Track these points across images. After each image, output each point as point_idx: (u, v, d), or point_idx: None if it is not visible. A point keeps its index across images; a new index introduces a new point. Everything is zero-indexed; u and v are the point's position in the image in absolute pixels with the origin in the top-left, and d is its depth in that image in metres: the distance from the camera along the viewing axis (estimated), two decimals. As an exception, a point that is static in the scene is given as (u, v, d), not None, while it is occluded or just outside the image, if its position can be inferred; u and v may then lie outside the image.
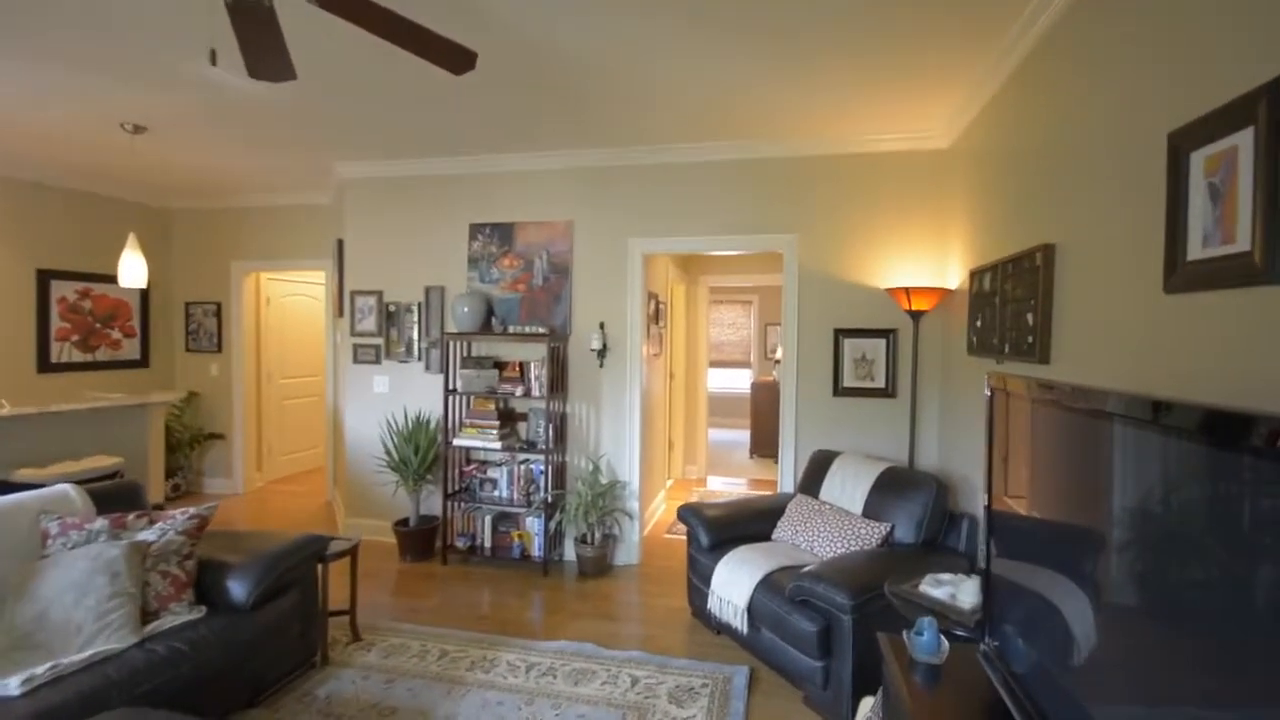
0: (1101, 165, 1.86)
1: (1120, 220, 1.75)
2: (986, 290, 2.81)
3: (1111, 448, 1.10)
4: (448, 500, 4.04)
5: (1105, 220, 1.84)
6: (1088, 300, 1.96)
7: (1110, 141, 1.81)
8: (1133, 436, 1.03)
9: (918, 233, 3.68)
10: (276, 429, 6.13)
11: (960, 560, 2.77)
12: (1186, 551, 0.92)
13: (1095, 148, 1.90)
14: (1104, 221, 1.85)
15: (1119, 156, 1.76)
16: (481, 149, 4.05)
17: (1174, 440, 0.92)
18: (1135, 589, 1.06)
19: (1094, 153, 1.91)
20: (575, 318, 4.15)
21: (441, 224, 4.33)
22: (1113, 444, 1.10)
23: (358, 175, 4.43)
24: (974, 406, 2.97)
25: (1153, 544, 1.00)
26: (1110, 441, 1.10)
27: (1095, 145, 1.90)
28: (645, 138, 3.78)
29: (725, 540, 3.18)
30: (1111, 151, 1.80)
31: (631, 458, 4.11)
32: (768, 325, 9.55)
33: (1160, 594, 0.99)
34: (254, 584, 2.53)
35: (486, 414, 3.98)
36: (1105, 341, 1.84)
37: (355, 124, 3.63)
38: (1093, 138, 1.92)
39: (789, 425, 3.87)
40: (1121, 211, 1.74)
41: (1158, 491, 0.99)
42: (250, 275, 5.74)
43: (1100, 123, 1.87)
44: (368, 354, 4.44)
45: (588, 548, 3.88)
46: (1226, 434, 0.82)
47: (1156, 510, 0.99)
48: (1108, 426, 1.10)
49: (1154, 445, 0.98)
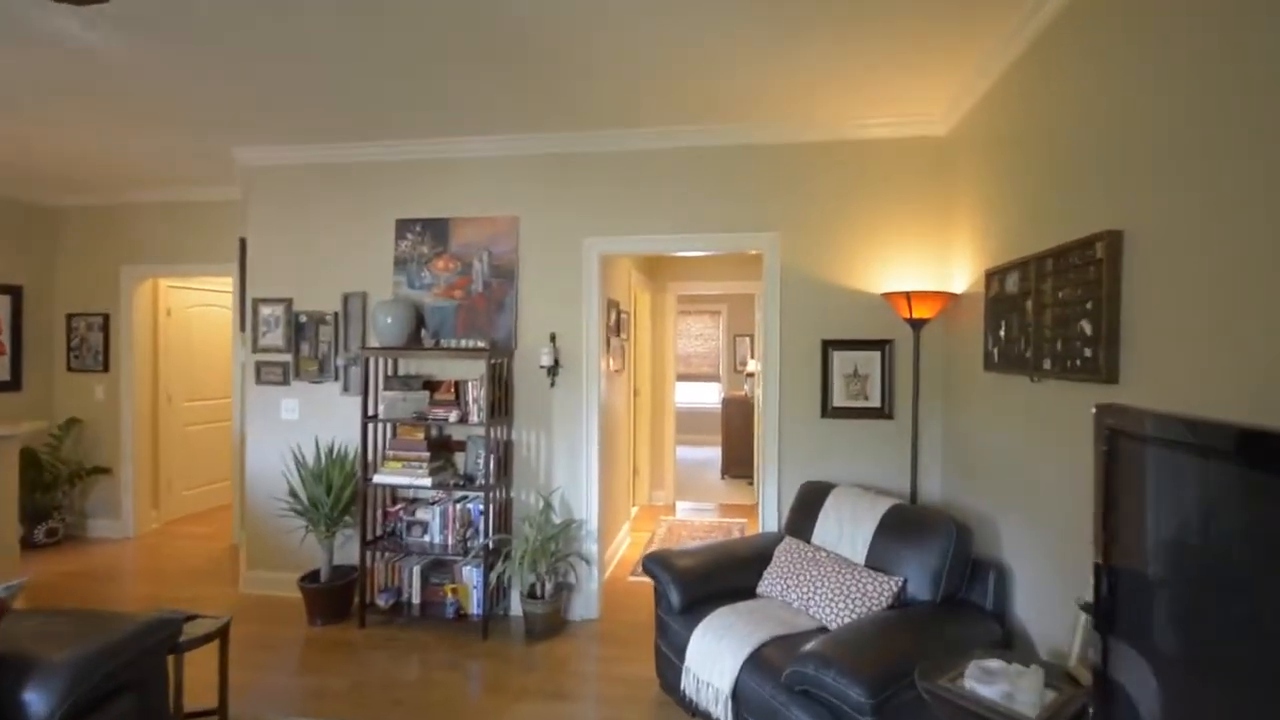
0: (1201, 124, 1.38)
1: (1235, 190, 1.27)
2: (1011, 293, 2.33)
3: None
4: (367, 548, 3.36)
5: (1209, 194, 1.36)
6: (1179, 301, 1.47)
7: (1212, 96, 1.33)
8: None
9: (916, 231, 3.22)
10: (178, 460, 5.30)
11: (989, 623, 2.26)
12: None
13: (1188, 106, 1.42)
14: (1206, 196, 1.37)
15: (1229, 111, 1.28)
16: (410, 132, 3.43)
17: None
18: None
19: (1188, 111, 1.43)
20: (522, 329, 3.54)
21: (363, 220, 3.68)
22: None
23: (262, 162, 3.75)
24: (994, 431, 2.49)
25: None
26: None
27: (1187, 103, 1.42)
28: (604, 120, 3.23)
29: (701, 599, 2.61)
30: (1221, 107, 1.32)
31: (589, 492, 3.51)
32: (736, 336, 9.10)
33: None
34: (62, 695, 1.82)
35: (414, 444, 3.33)
36: (1211, 357, 1.35)
37: (253, 100, 2.98)
38: (1182, 95, 1.44)
39: (771, 452, 3.33)
40: (1235, 180, 1.26)
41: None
42: (145, 282, 4.94)
43: (1191, 75, 1.40)
44: (273, 373, 3.73)
45: (537, 603, 3.25)
46: None
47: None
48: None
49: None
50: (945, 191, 3.16)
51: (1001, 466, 2.46)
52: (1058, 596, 2.03)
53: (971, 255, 2.85)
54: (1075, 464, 1.93)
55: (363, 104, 3.05)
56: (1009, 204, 2.45)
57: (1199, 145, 1.41)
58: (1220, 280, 1.34)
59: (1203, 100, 1.40)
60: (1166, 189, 1.53)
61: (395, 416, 3.30)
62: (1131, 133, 1.67)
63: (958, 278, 3.03)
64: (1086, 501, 1.87)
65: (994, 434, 2.54)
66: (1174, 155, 1.50)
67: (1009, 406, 2.40)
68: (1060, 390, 2.02)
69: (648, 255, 5.55)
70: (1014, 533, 2.35)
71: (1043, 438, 2.13)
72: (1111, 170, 1.75)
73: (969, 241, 2.89)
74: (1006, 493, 2.41)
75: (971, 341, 2.79)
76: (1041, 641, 2.15)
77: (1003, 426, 2.45)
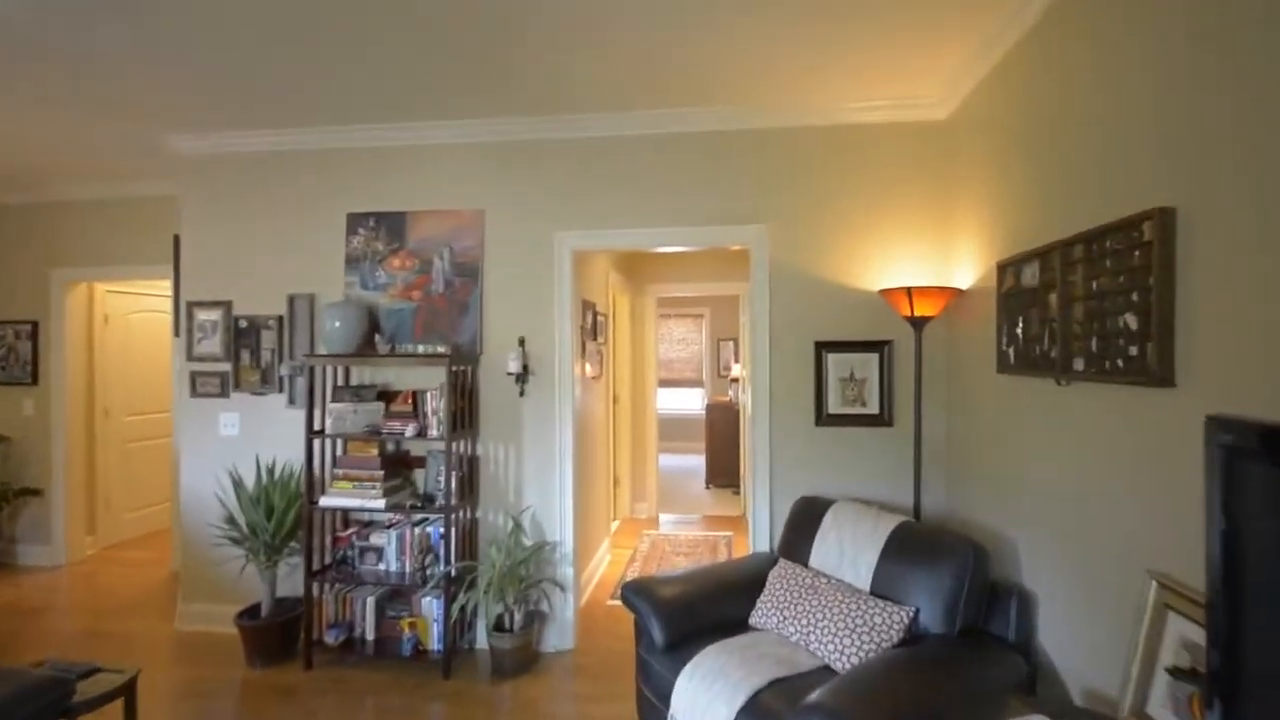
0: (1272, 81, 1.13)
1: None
2: (1029, 286, 2.08)
3: None
4: (313, 579, 3.00)
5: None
6: (1249, 287, 1.23)
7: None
8: None
9: (915, 223, 2.97)
10: (117, 479, 4.87)
11: (1013, 658, 2.00)
12: None
13: (1259, 61, 1.17)
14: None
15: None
16: (362, 116, 3.10)
17: None
18: None
19: (1259, 67, 1.18)
20: (487, 333, 3.23)
21: (311, 214, 3.34)
22: None
23: (198, 151, 3.39)
24: (1011, 439, 2.23)
25: None
26: None
27: (1260, 58, 1.17)
28: (577, 103, 2.94)
29: (687, 635, 2.31)
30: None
31: (564, 510, 3.20)
32: (720, 340, 8.84)
33: None
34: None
35: (367, 461, 2.99)
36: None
37: (185, 82, 2.64)
38: (1251, 49, 1.19)
39: (762, 464, 3.05)
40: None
41: None
42: (79, 286, 4.52)
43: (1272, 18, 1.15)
44: (210, 384, 3.36)
45: (505, 636, 2.92)
46: None
47: None
48: None
49: None
50: (946, 180, 2.93)
51: (1021, 479, 2.20)
52: (1092, 627, 1.77)
53: (978, 247, 2.60)
54: (1115, 478, 1.67)
55: (313, 88, 2.72)
56: (1024, 188, 2.20)
57: (1270, 107, 1.16)
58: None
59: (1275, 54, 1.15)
60: (1231, 157, 1.29)
61: (344, 431, 2.96)
62: (1189, 96, 1.42)
63: (961, 272, 2.79)
64: (1131, 519, 1.62)
65: (1011, 443, 2.28)
66: (1238, 120, 1.26)
67: (1029, 413, 2.15)
68: (1095, 394, 1.76)
69: (626, 252, 5.27)
70: (1038, 554, 2.09)
71: (1073, 447, 1.88)
72: (1167, 139, 1.50)
73: (974, 232, 2.65)
74: (1027, 508, 2.16)
75: (981, 341, 2.54)
76: (1072, 678, 1.89)
77: (1021, 435, 2.20)
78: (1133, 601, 1.59)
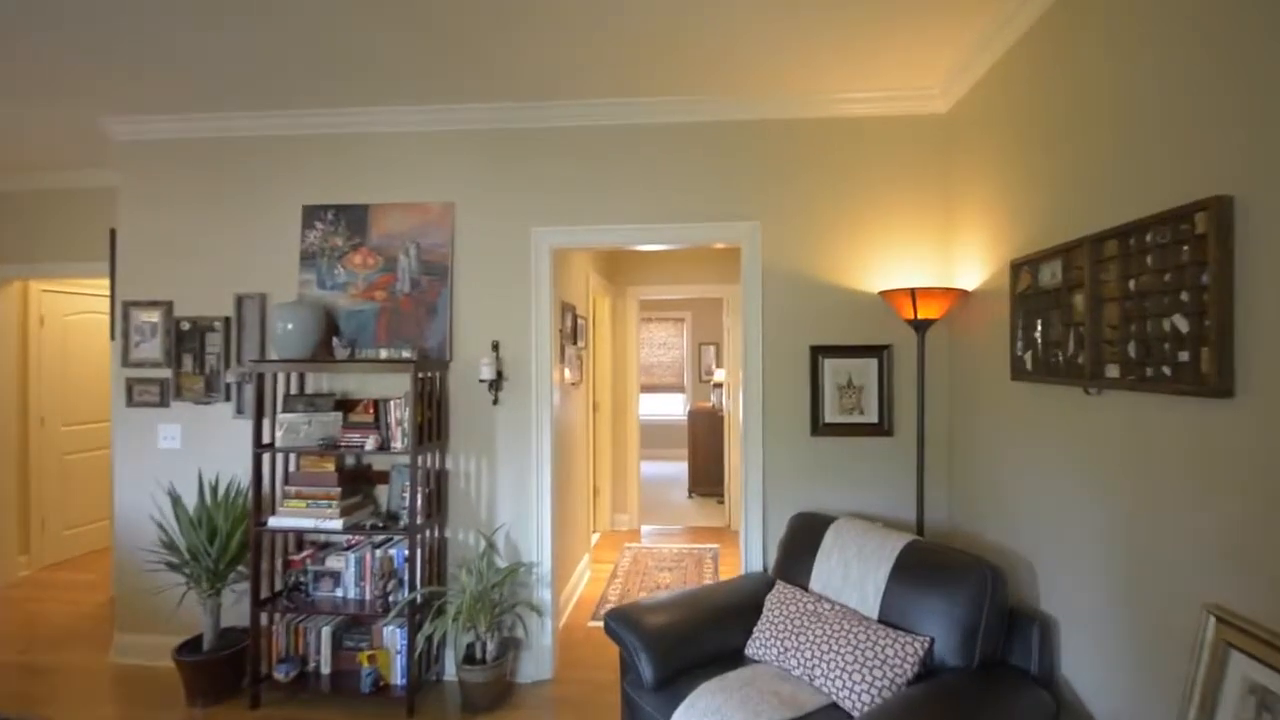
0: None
1: None
2: (1050, 286, 1.92)
3: None
4: (261, 608, 2.71)
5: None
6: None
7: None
8: None
9: (915, 221, 2.80)
10: (54, 495, 4.49)
11: (1037, 693, 1.81)
12: None
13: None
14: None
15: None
16: (319, 100, 2.84)
17: None
18: None
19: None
20: (458, 337, 2.97)
21: (263, 206, 3.06)
22: None
23: (137, 136, 3.08)
24: (1029, 452, 2.05)
25: None
26: None
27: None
28: (557, 88, 2.71)
29: (679, 670, 2.09)
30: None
31: (541, 528, 2.96)
32: (701, 345, 8.66)
33: None
34: None
35: (322, 477, 2.71)
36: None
37: (121, 57, 2.35)
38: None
39: (754, 477, 2.85)
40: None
41: None
42: (11, 285, 4.15)
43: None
44: (149, 392, 3.05)
45: (477, 669, 2.66)
46: None
47: None
48: None
49: None
50: (947, 176, 2.77)
51: (1039, 495, 2.03)
52: (1131, 663, 1.59)
53: (985, 245, 2.44)
54: (1158, 497, 1.50)
55: (263, 66, 2.45)
56: (1042, 181, 2.03)
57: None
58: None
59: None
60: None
61: (297, 445, 2.68)
62: (1246, 71, 1.25)
63: (965, 272, 2.63)
64: (1177, 543, 1.39)
65: (1027, 455, 2.11)
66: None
67: (1050, 424, 1.97)
68: (1134, 405, 1.59)
69: (607, 252, 5.04)
70: (1060, 578, 1.92)
71: (1105, 463, 1.70)
72: (1221, 121, 1.33)
73: (980, 230, 2.48)
74: (1050, 528, 1.98)
75: (991, 346, 2.37)
76: (1102, 713, 1.72)
77: (1041, 447, 2.02)
78: (1177, 637, 1.42)
